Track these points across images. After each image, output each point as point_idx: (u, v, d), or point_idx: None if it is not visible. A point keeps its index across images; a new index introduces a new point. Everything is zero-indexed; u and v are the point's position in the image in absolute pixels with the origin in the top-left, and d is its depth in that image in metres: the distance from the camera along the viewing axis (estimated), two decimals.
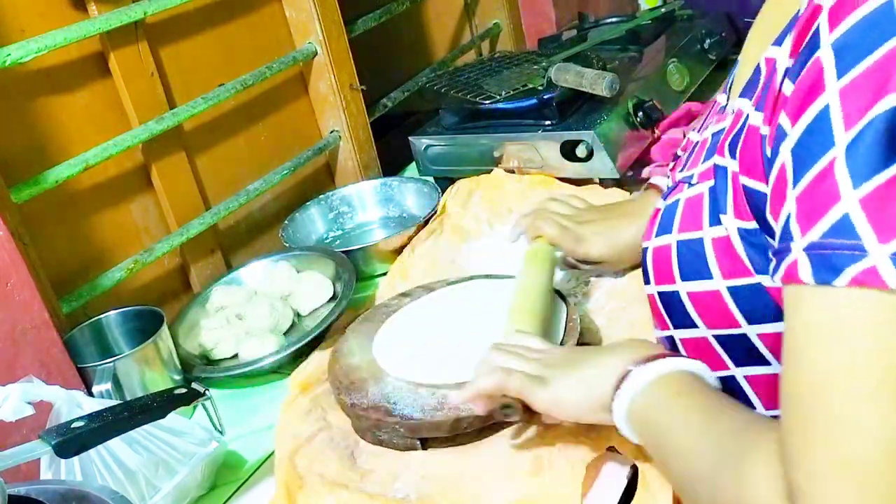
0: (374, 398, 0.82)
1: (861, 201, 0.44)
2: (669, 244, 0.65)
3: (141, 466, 0.78)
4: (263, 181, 1.24)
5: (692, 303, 0.63)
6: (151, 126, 1.06)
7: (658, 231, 0.67)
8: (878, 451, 0.43)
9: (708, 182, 0.62)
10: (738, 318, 0.60)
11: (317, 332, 0.99)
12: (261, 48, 1.26)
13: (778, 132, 0.51)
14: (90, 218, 1.05)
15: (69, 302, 0.98)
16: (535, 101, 1.23)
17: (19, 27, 0.95)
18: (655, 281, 0.67)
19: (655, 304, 0.68)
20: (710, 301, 0.61)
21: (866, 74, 0.46)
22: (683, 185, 0.66)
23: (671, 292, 0.65)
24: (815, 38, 0.49)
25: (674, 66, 1.38)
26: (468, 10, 1.77)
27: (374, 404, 0.81)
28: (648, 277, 0.68)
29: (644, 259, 0.69)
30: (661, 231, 0.67)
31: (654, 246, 0.67)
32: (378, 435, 0.81)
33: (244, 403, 0.97)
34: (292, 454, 0.81)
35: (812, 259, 0.46)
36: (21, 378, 0.75)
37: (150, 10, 1.05)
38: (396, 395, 0.81)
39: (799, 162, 0.48)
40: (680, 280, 0.64)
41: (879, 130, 0.44)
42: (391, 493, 0.74)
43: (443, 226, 1.18)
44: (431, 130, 1.35)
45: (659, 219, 0.68)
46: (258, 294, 1.11)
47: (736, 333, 0.61)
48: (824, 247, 0.46)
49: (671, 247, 0.64)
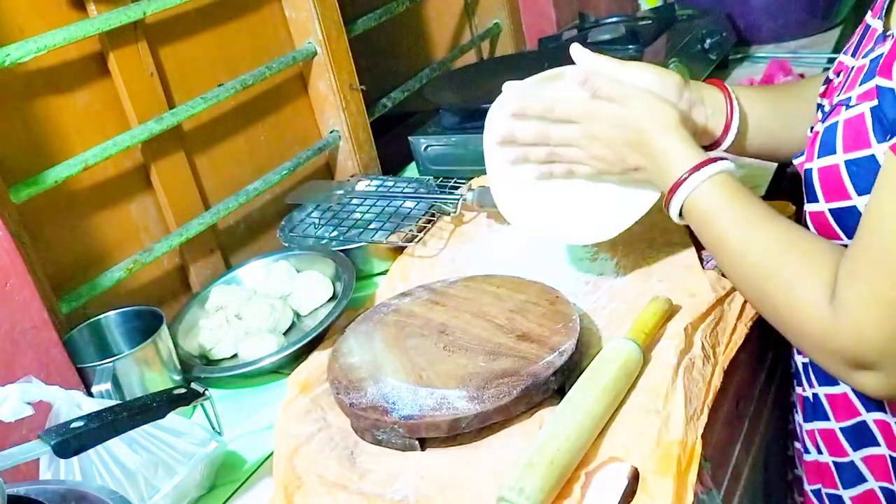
0: (372, 398, 0.82)
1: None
2: (837, 164, 0.69)
3: (140, 467, 0.78)
4: (263, 181, 1.24)
5: None
6: (151, 126, 1.06)
7: (820, 152, 0.71)
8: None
9: (869, 102, 0.66)
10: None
11: (316, 332, 0.99)
12: (261, 48, 1.26)
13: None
14: (90, 218, 1.05)
15: (68, 302, 0.98)
16: None
17: (19, 27, 0.95)
18: (826, 199, 0.71)
19: (825, 220, 0.72)
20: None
21: None
22: (841, 108, 0.70)
23: (847, 208, 0.69)
24: None
25: (674, 65, 1.37)
26: (468, 10, 1.77)
27: (372, 404, 0.81)
28: (816, 196, 0.72)
29: (809, 179, 0.73)
30: (824, 152, 0.71)
31: (820, 166, 0.71)
32: (377, 435, 0.80)
33: (244, 403, 0.97)
34: (291, 454, 0.81)
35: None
36: (20, 378, 0.75)
37: (149, 9, 1.05)
38: (395, 395, 0.81)
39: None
40: (856, 195, 0.68)
41: None
42: (389, 495, 0.74)
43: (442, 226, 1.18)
44: (431, 130, 1.35)
45: (819, 141, 0.72)
46: (257, 294, 1.11)
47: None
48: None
49: (839, 166, 0.69)
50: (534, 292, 0.93)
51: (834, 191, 0.70)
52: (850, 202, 0.69)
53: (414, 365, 0.85)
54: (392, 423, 0.78)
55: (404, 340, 0.90)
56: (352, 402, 0.82)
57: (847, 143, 0.68)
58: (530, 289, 0.94)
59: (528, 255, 1.07)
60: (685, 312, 0.88)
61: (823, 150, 0.71)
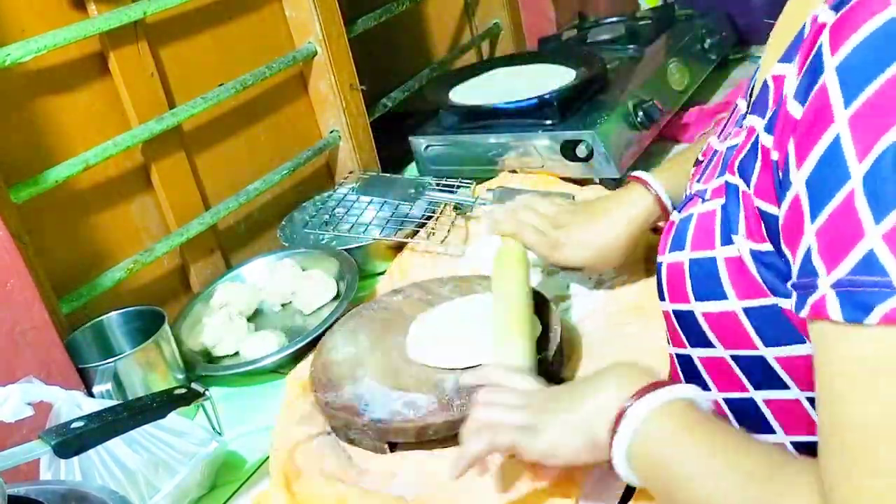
0: (346, 398, 0.82)
1: (884, 237, 0.43)
2: (682, 262, 0.63)
3: (141, 467, 0.78)
4: (263, 181, 1.24)
5: (708, 323, 0.62)
6: (151, 126, 1.06)
7: (671, 246, 0.65)
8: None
9: (719, 200, 0.60)
10: (754, 340, 0.59)
11: (319, 332, 0.99)
12: (261, 48, 1.26)
13: (788, 160, 0.50)
14: (90, 218, 1.05)
15: (69, 302, 0.98)
16: (535, 100, 1.23)
17: (19, 27, 0.95)
18: (670, 299, 0.65)
19: (671, 321, 0.67)
20: (726, 322, 0.60)
21: (874, 100, 0.45)
22: (698, 200, 0.65)
23: (686, 311, 0.63)
24: (818, 59, 0.48)
25: (674, 65, 1.38)
26: (468, 10, 1.77)
27: (345, 404, 0.81)
28: (663, 294, 0.66)
29: (658, 274, 0.67)
30: (675, 247, 0.65)
31: (668, 262, 0.65)
32: (349, 434, 0.81)
33: (245, 403, 0.97)
34: (292, 450, 0.81)
35: (840, 297, 0.45)
36: (21, 378, 0.76)
37: (149, 9, 1.05)
38: (369, 396, 0.81)
39: (815, 195, 0.47)
40: (694, 300, 0.62)
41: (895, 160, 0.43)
42: (387, 491, 0.74)
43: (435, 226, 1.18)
44: (431, 130, 1.35)
45: (673, 233, 0.66)
46: (262, 292, 1.11)
47: (753, 355, 0.60)
48: (853, 284, 0.44)
49: (684, 265, 0.63)
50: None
51: (677, 291, 0.64)
52: (688, 306, 0.62)
53: (392, 366, 0.85)
54: (363, 424, 0.79)
55: (389, 339, 0.90)
56: (327, 400, 0.83)
57: (695, 241, 0.62)
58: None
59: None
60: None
61: (675, 244, 0.65)
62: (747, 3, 1.64)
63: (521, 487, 0.71)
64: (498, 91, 1.34)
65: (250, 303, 1.10)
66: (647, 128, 1.24)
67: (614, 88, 1.31)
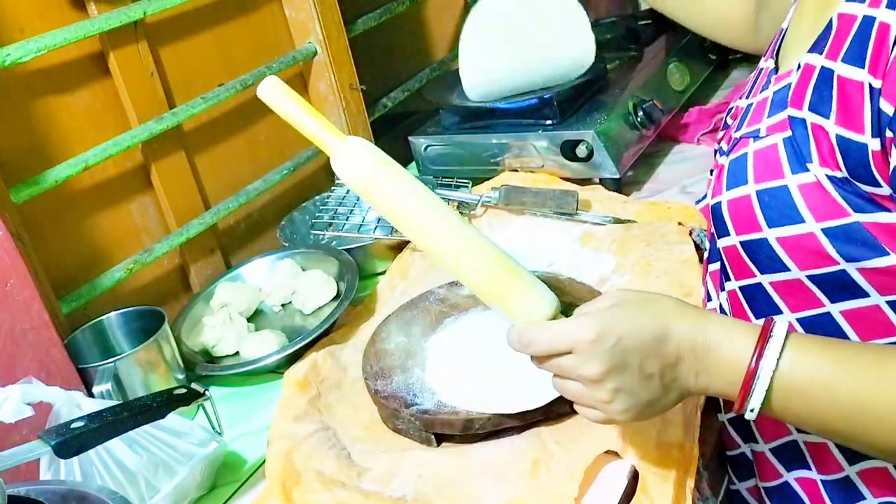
0: (396, 388, 0.83)
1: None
2: (748, 194, 0.66)
3: (140, 467, 0.78)
4: (263, 181, 1.24)
5: (783, 247, 0.64)
6: (151, 126, 1.06)
7: (729, 184, 0.68)
8: None
9: (781, 133, 0.64)
10: (834, 257, 0.62)
11: (319, 332, 0.99)
12: (261, 48, 1.26)
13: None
14: (90, 218, 1.05)
15: (69, 302, 0.98)
16: (535, 100, 1.23)
17: (19, 27, 0.95)
18: (736, 231, 0.68)
19: (737, 254, 0.69)
20: (805, 243, 0.63)
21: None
22: (748, 140, 0.68)
23: (758, 240, 0.66)
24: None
25: (674, 65, 1.38)
26: (468, 10, 1.77)
27: (394, 394, 0.82)
28: (727, 230, 0.69)
29: (718, 214, 0.70)
30: (734, 184, 0.68)
31: (730, 198, 0.68)
32: (397, 424, 0.81)
33: (244, 403, 0.97)
34: (289, 451, 0.81)
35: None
36: (21, 379, 0.75)
37: (149, 9, 1.05)
38: (418, 387, 0.82)
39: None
40: (767, 227, 0.65)
41: None
42: (388, 493, 0.74)
43: None
44: (431, 130, 1.35)
45: (726, 174, 0.69)
46: (261, 291, 1.11)
47: (833, 271, 0.63)
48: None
49: (751, 197, 0.66)
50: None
51: (745, 223, 0.67)
52: (760, 234, 0.65)
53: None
54: (410, 415, 0.79)
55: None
56: (377, 389, 0.83)
57: (758, 174, 0.66)
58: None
59: (528, 257, 1.07)
60: None
61: (732, 181, 0.68)
62: None
63: (520, 487, 0.71)
64: None
65: (250, 303, 1.10)
66: (647, 128, 1.24)
67: (614, 88, 1.31)
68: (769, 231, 0.65)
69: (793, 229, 0.63)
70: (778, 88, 0.67)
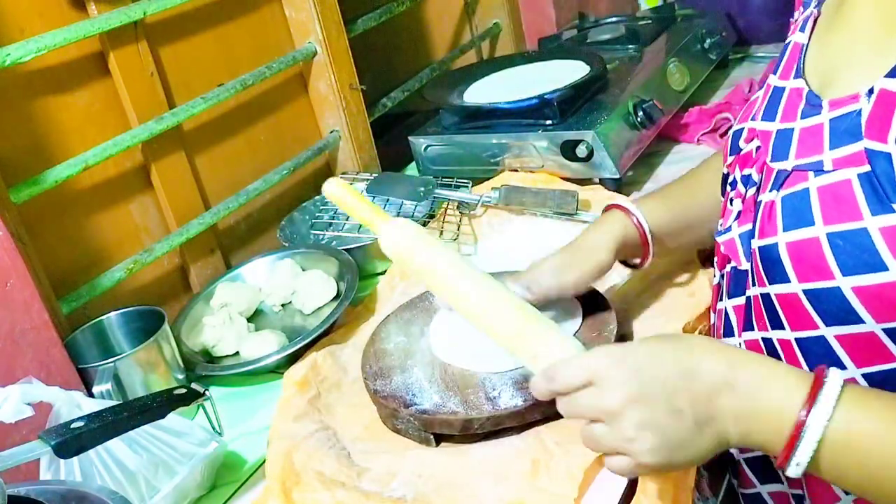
0: (395, 388, 0.82)
1: None
2: (816, 237, 0.59)
3: (140, 467, 0.78)
4: (263, 181, 1.24)
5: (859, 297, 0.58)
6: (151, 126, 1.06)
7: (787, 224, 0.62)
8: None
9: (856, 168, 0.58)
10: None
11: (319, 332, 0.99)
12: (261, 48, 1.26)
13: None
14: (90, 218, 1.05)
15: (69, 302, 0.98)
16: (535, 100, 1.23)
17: (19, 27, 0.95)
18: (799, 278, 0.61)
19: (797, 303, 0.62)
20: (887, 293, 0.57)
21: None
22: (807, 174, 0.61)
23: (828, 289, 0.59)
24: None
25: (674, 65, 1.38)
26: (468, 10, 1.77)
27: (393, 394, 0.82)
28: (785, 276, 0.62)
29: (771, 257, 0.63)
30: (795, 224, 0.61)
31: (789, 240, 0.62)
32: (396, 424, 0.81)
33: (244, 403, 0.97)
34: (289, 451, 0.81)
35: None
36: (21, 379, 0.75)
37: (149, 9, 1.05)
38: (417, 387, 0.82)
39: None
40: (841, 275, 0.58)
41: None
42: (388, 493, 0.74)
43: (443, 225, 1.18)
44: (431, 130, 1.35)
45: (781, 211, 0.63)
46: (261, 291, 1.11)
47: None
48: None
49: (819, 239, 0.59)
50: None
51: (812, 269, 0.60)
52: (832, 282, 0.59)
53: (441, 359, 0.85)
54: (409, 415, 0.79)
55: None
56: (376, 388, 0.83)
57: (828, 214, 0.59)
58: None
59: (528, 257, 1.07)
60: (683, 312, 0.88)
61: (792, 221, 0.62)
62: (747, 3, 1.64)
63: (520, 487, 0.71)
64: (516, 86, 1.33)
65: (250, 303, 1.10)
66: (647, 128, 1.24)
67: (614, 88, 1.31)
68: (843, 280, 0.58)
69: (872, 278, 0.57)
70: (837, 115, 0.61)
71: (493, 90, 1.37)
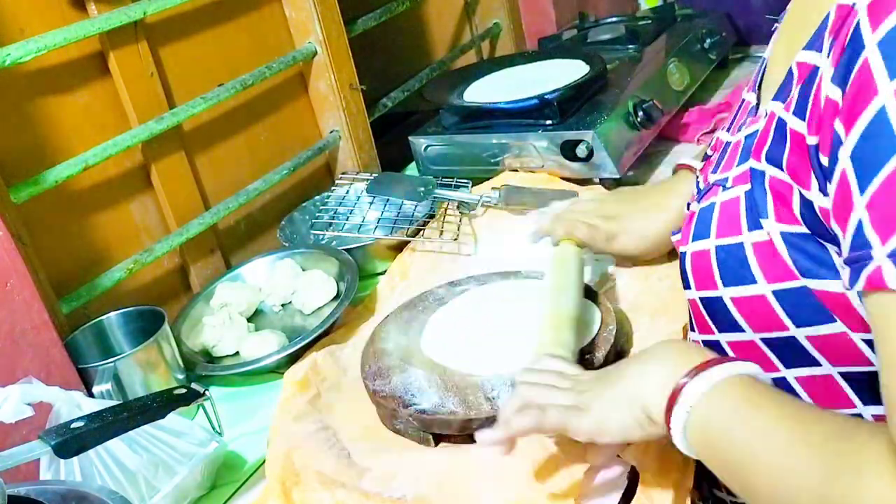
0: (394, 388, 0.82)
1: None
2: (708, 249, 0.64)
3: (140, 467, 0.78)
4: (263, 181, 1.24)
5: (737, 308, 0.62)
6: (151, 126, 1.06)
7: (695, 236, 0.66)
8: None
9: (743, 186, 0.61)
10: (785, 322, 0.60)
11: (319, 332, 0.99)
12: (261, 48, 1.26)
13: (834, 139, 0.50)
14: (90, 218, 1.05)
15: (69, 302, 0.98)
16: (535, 100, 1.23)
17: (19, 27, 0.95)
18: (696, 286, 0.66)
19: (698, 309, 0.67)
20: (756, 306, 0.60)
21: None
22: (718, 188, 0.65)
23: (714, 298, 0.64)
24: (856, 39, 0.49)
25: (674, 65, 1.38)
26: (468, 10, 1.77)
27: (392, 394, 0.82)
28: (689, 283, 0.67)
29: (682, 264, 0.68)
30: (698, 236, 0.66)
31: (693, 251, 0.66)
32: (395, 424, 0.81)
33: (244, 403, 0.97)
34: (289, 451, 0.81)
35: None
36: (21, 379, 0.75)
37: (149, 9, 1.05)
38: (416, 386, 0.82)
39: (862, 168, 0.48)
40: (722, 286, 0.62)
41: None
42: (388, 493, 0.74)
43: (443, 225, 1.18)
44: (431, 130, 1.35)
45: (695, 223, 0.67)
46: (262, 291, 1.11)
47: (784, 336, 0.61)
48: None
49: (710, 252, 0.63)
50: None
51: (704, 279, 0.64)
52: (716, 292, 0.63)
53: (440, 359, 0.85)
54: (408, 415, 0.79)
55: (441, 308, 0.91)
56: (375, 388, 0.83)
57: (720, 228, 0.63)
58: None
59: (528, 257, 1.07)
60: (683, 312, 0.88)
61: (697, 233, 0.66)
62: (747, 3, 1.64)
63: (520, 487, 0.71)
64: (516, 86, 1.34)
65: (250, 303, 1.10)
66: (647, 128, 1.24)
67: (614, 88, 1.31)
68: (724, 290, 0.62)
69: (746, 290, 0.60)
70: (749, 133, 0.64)
71: (493, 90, 1.37)
